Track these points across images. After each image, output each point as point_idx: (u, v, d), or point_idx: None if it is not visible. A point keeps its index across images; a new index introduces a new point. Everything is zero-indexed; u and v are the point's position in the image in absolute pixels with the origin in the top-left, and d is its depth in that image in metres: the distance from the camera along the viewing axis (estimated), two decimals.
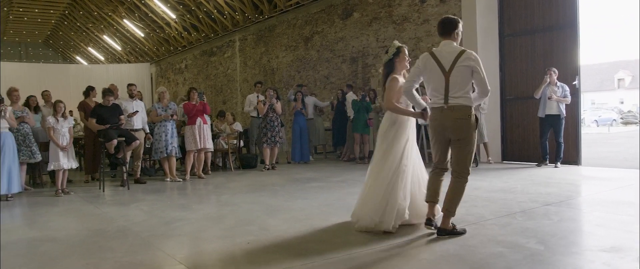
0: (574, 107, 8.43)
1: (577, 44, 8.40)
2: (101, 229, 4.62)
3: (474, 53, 3.77)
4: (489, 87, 3.72)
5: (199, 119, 8.12)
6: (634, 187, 5.88)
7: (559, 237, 3.64)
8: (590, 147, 13.44)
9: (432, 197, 3.90)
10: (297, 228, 4.32)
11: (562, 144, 8.10)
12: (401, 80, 4.15)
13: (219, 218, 4.96)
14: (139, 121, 8.23)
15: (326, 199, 5.80)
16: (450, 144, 3.85)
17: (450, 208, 3.75)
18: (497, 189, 5.96)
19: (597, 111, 35.69)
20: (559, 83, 8.09)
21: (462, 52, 3.72)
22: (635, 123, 31.79)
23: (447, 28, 3.83)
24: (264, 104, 9.15)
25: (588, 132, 24.14)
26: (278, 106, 9.30)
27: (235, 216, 5.00)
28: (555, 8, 8.62)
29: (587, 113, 36.25)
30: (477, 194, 5.61)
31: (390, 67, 4.25)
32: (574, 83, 8.37)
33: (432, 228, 3.82)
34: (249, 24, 16.51)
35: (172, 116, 8.11)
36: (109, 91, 7.75)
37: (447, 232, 3.73)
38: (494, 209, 4.72)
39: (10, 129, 6.73)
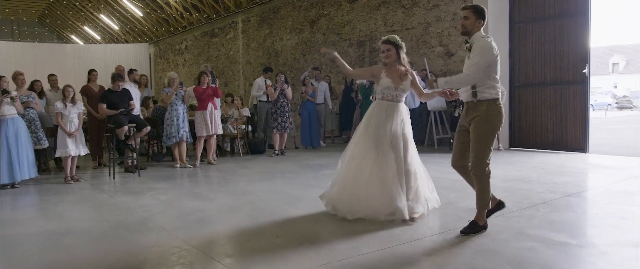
0: (582, 95, 8.45)
1: (588, 32, 8.38)
2: (121, 220, 4.57)
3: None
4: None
5: (210, 105, 8.03)
6: None
7: (586, 228, 3.66)
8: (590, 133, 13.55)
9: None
10: (324, 220, 4.29)
11: None
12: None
13: (239, 207, 4.95)
14: (138, 107, 8.25)
15: None
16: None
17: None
18: (512, 179, 5.98)
19: (592, 96, 35.84)
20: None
21: None
22: (630, 108, 32.00)
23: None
24: (275, 90, 9.06)
25: None
26: (288, 91, 9.22)
27: (255, 206, 4.97)
28: None
29: None
30: (495, 184, 5.58)
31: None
32: (583, 71, 8.37)
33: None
34: (252, 5, 16.32)
35: (183, 97, 8.04)
36: (118, 76, 7.63)
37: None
38: (516, 201, 4.74)
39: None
